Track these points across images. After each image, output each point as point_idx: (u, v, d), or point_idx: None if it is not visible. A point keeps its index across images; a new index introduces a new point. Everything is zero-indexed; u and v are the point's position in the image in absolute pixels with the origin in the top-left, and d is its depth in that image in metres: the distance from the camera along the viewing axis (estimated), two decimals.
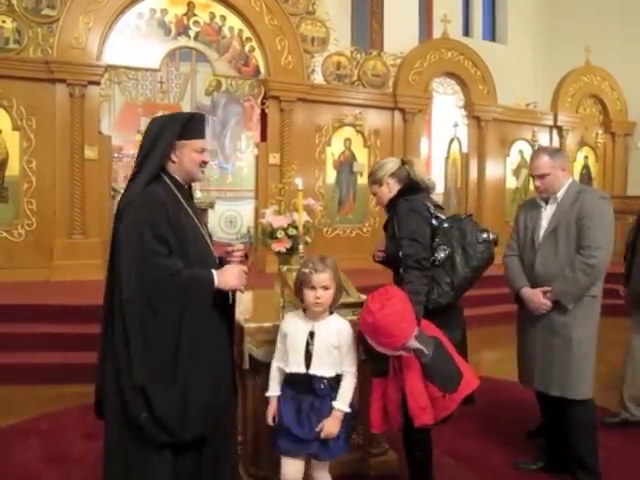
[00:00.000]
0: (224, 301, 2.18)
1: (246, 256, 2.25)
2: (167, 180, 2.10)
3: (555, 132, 9.49)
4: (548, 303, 2.81)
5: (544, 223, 2.90)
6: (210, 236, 2.26)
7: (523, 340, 3.01)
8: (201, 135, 2.16)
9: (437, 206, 2.59)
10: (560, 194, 2.88)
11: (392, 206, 2.59)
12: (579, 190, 2.87)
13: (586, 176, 9.86)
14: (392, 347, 2.20)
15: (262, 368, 2.64)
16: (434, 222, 2.48)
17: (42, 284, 6.12)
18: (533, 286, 2.88)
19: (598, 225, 2.74)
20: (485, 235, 2.46)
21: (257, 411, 2.68)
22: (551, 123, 9.40)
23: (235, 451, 2.39)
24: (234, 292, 2.23)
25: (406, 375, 2.29)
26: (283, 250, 2.96)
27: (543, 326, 2.86)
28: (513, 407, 3.88)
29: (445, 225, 2.47)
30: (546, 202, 2.92)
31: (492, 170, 8.92)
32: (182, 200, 2.11)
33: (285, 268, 2.91)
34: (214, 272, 2.05)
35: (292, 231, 2.94)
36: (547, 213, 2.91)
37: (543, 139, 9.39)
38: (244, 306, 2.56)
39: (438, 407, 2.29)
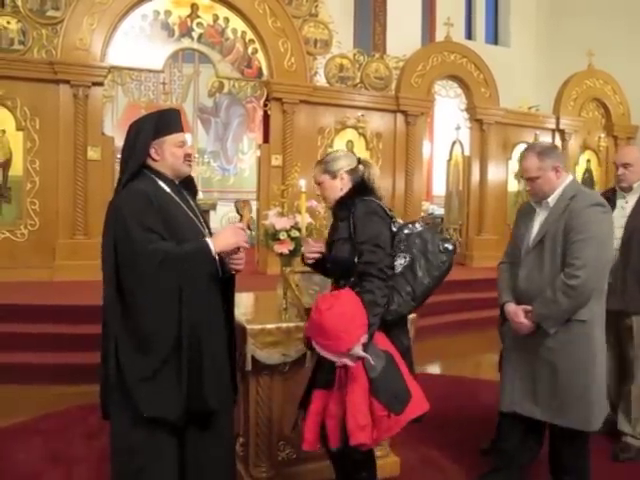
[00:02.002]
0: (222, 285, 2.16)
1: (239, 213, 2.17)
2: (152, 175, 2.12)
3: (557, 135, 9.48)
4: (528, 324, 2.52)
5: (534, 231, 2.59)
6: (209, 230, 2.25)
7: (507, 361, 2.74)
8: (176, 129, 2.15)
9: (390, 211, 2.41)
10: (552, 199, 2.56)
11: (343, 206, 2.36)
12: (573, 195, 2.50)
13: (588, 180, 9.85)
14: (337, 351, 2.04)
15: (264, 370, 2.65)
16: (393, 228, 2.32)
17: (44, 284, 6.13)
18: (518, 302, 2.60)
19: (586, 239, 2.38)
20: (448, 245, 2.32)
21: (259, 413, 2.69)
22: (553, 126, 9.39)
23: (231, 451, 2.35)
24: (233, 278, 2.23)
25: (350, 388, 2.11)
26: (285, 252, 2.95)
27: (528, 347, 2.58)
28: None
29: (405, 231, 2.31)
30: (540, 206, 2.62)
31: (494, 173, 8.93)
32: (171, 193, 2.12)
33: (287, 270, 2.91)
34: (207, 239, 2.03)
35: (295, 233, 2.94)
36: (539, 220, 2.60)
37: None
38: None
39: (381, 428, 2.10)
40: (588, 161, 9.87)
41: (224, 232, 2.09)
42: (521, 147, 9.14)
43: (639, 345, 3.16)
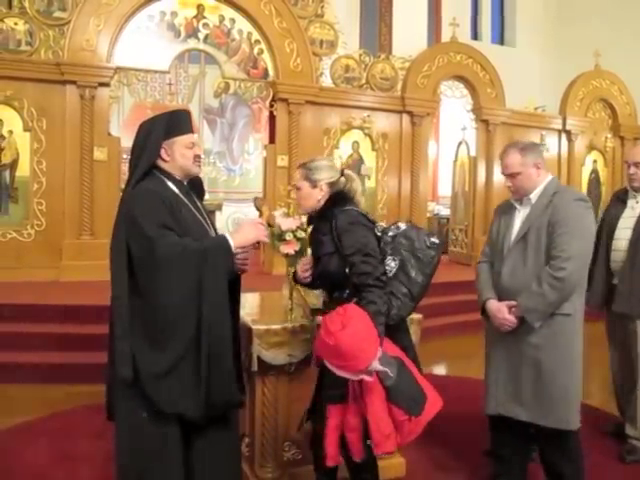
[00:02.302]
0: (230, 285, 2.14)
1: (258, 210, 2.16)
2: (161, 176, 2.11)
3: (564, 136, 9.46)
4: (512, 319, 2.50)
5: (516, 228, 2.60)
6: (215, 230, 2.25)
7: (490, 361, 2.71)
8: (187, 130, 2.16)
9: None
10: (534, 195, 2.57)
11: (323, 218, 2.33)
12: (555, 191, 2.54)
13: (595, 180, 9.83)
14: (354, 370, 2.01)
15: (270, 370, 2.66)
16: (377, 232, 2.31)
17: (51, 284, 6.16)
18: (500, 299, 2.58)
19: (571, 232, 2.41)
20: (434, 239, 2.31)
21: (265, 413, 2.69)
22: (560, 127, 9.37)
23: (237, 451, 2.35)
24: (239, 279, 2.21)
25: (368, 400, 2.11)
26: (291, 252, 2.95)
27: (510, 346, 2.57)
28: None
29: (390, 234, 2.30)
30: (521, 203, 2.63)
31: (500, 174, 8.87)
32: (179, 194, 2.12)
33: (293, 270, 2.91)
34: (226, 234, 2.04)
35: (301, 233, 2.94)
36: (520, 216, 2.61)
37: (552, 143, 9.37)
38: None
39: (403, 432, 2.12)
40: (594, 162, 9.83)
41: (243, 227, 2.09)
42: None
43: None
